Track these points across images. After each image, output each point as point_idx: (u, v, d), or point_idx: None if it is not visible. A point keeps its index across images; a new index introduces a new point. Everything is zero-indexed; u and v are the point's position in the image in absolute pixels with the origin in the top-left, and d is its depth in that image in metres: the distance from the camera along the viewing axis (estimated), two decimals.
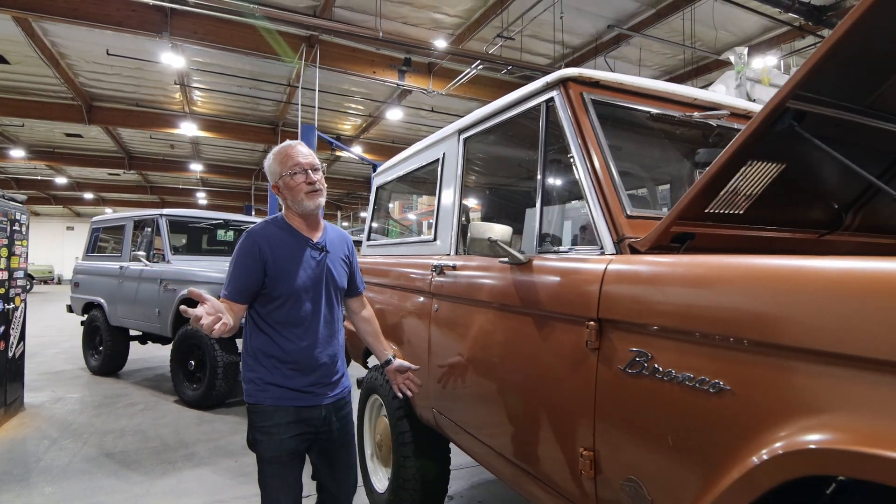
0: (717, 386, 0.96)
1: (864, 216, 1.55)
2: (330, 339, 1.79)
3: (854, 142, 1.26)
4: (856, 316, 0.78)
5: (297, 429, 1.71)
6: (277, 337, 1.72)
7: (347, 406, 1.89)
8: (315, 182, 1.74)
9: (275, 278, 1.69)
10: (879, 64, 1.09)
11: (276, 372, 1.70)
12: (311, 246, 1.79)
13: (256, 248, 1.69)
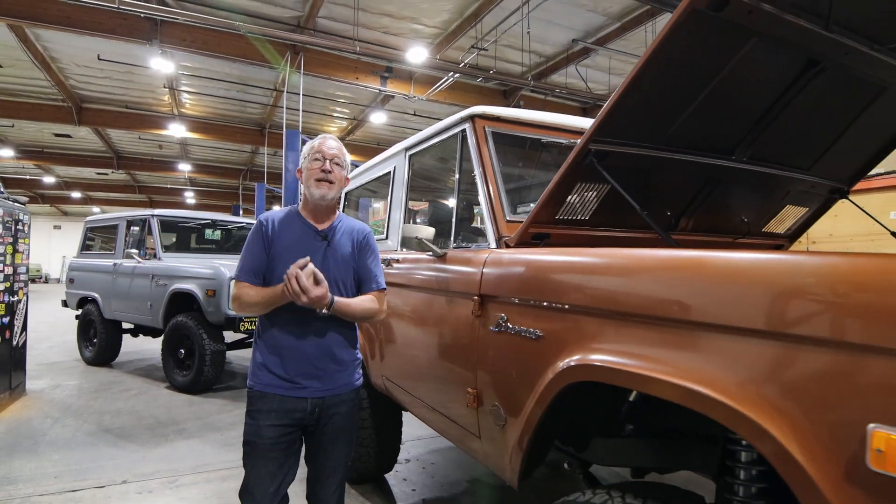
0: (536, 334, 1.47)
1: (695, 221, 2.06)
2: (323, 329, 1.76)
3: (664, 167, 1.77)
4: (614, 285, 1.29)
5: (278, 419, 1.71)
6: (271, 322, 1.75)
7: (345, 405, 1.83)
8: (328, 172, 1.78)
9: (273, 258, 1.76)
10: (667, 108, 1.59)
11: (267, 358, 1.74)
12: (314, 233, 1.81)
13: (261, 229, 1.78)
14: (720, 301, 1.00)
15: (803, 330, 0.87)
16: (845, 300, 0.82)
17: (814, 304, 0.87)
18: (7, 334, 4.70)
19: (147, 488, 3.12)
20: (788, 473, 0.84)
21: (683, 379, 1.02)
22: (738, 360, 0.95)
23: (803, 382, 0.86)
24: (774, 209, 2.25)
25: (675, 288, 1.10)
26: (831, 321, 0.84)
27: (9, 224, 4.70)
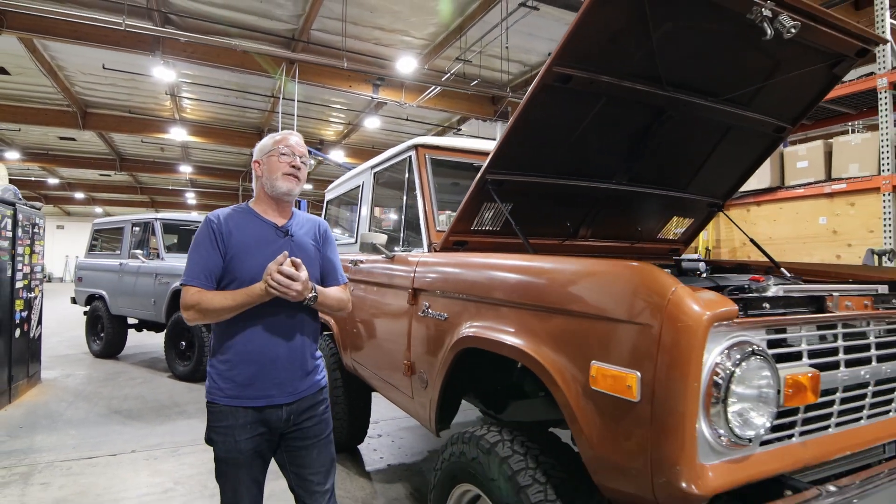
0: (444, 316, 1.98)
1: (593, 230, 2.57)
2: (292, 331, 1.68)
3: (557, 190, 2.28)
4: (485, 280, 1.80)
5: (254, 430, 1.63)
6: (234, 327, 1.64)
7: (320, 405, 1.78)
8: (297, 168, 1.73)
9: (231, 258, 1.65)
10: (547, 147, 2.10)
11: (232, 368, 1.63)
12: (274, 229, 1.73)
13: (211, 229, 1.66)
14: (535, 290, 1.52)
15: (564, 305, 1.38)
16: (578, 287, 1.34)
17: (566, 288, 1.39)
18: (25, 327, 5.22)
19: (153, 456, 3.64)
20: (554, 391, 1.36)
21: (512, 340, 1.53)
22: (537, 327, 1.47)
23: (563, 337, 1.37)
24: (664, 220, 2.76)
25: (516, 282, 1.62)
26: (575, 299, 1.35)
27: (27, 228, 5.22)
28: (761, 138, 2.42)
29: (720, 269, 2.56)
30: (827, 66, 2.11)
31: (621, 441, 1.20)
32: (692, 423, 1.10)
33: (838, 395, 1.40)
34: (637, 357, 1.16)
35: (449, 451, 1.75)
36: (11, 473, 3.32)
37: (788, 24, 1.67)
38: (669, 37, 1.77)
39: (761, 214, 5.47)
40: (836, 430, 1.41)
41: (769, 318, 1.25)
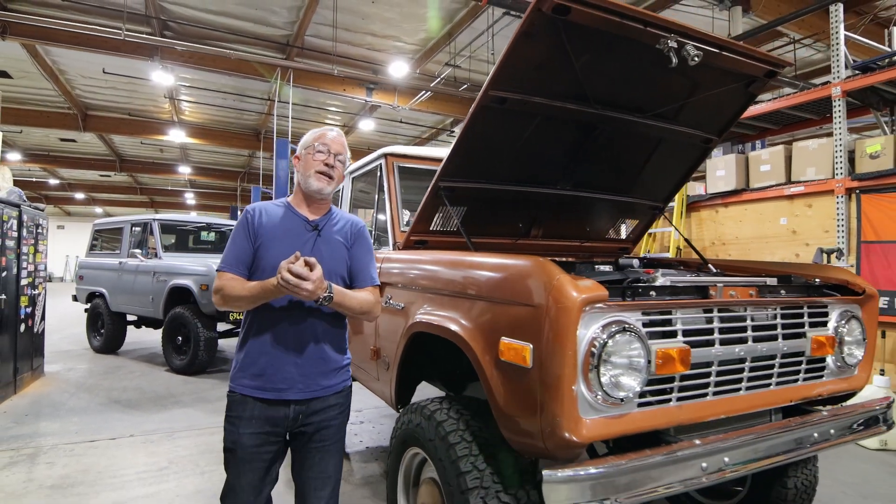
0: (401, 306, 2.26)
1: (545, 230, 2.85)
2: (308, 329, 1.67)
3: (506, 196, 2.56)
4: (429, 273, 2.08)
5: (258, 426, 1.62)
6: (258, 321, 1.66)
7: (333, 410, 1.72)
8: (331, 166, 1.72)
9: (259, 247, 1.67)
10: (493, 158, 2.39)
11: (249, 359, 1.65)
12: (304, 222, 1.74)
13: (246, 218, 1.71)
14: (463, 281, 1.80)
15: (483, 293, 1.67)
16: (493, 278, 1.63)
17: (484, 279, 1.67)
18: (30, 322, 5.50)
19: (150, 440, 3.92)
20: (475, 364, 1.65)
21: (448, 324, 1.82)
22: (465, 311, 1.75)
23: (483, 319, 1.66)
24: (610, 221, 3.04)
25: (451, 275, 1.90)
26: (490, 288, 1.64)
27: (31, 228, 5.51)
28: (691, 148, 2.70)
29: (657, 265, 2.83)
30: (742, 86, 2.40)
31: (520, 401, 1.49)
32: (570, 385, 1.39)
33: (714, 368, 1.68)
34: (531, 332, 1.45)
35: (401, 420, 2.03)
36: (19, 454, 3.60)
37: (693, 52, 1.95)
38: (592, 64, 2.06)
39: (728, 215, 5.76)
40: (714, 398, 1.69)
41: (643, 302, 1.53)
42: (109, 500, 2.93)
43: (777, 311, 1.86)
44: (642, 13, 1.89)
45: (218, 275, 1.67)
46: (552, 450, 1.43)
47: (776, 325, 1.84)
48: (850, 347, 2.02)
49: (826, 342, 1.93)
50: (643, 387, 1.49)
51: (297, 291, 1.49)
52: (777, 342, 1.83)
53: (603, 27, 1.87)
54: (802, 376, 1.93)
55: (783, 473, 2.26)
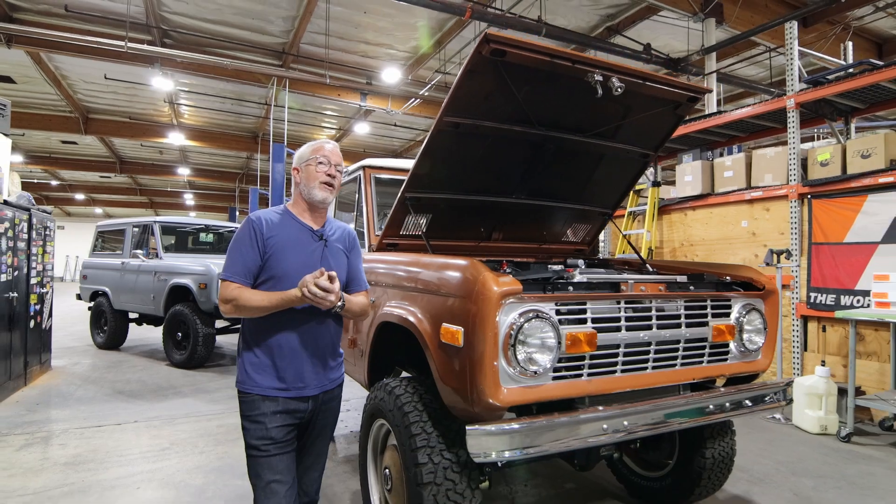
0: (373, 300, 2.62)
1: (505, 233, 3.21)
2: (320, 331, 1.79)
3: (467, 204, 2.92)
4: (393, 271, 2.44)
5: (284, 419, 1.73)
6: (268, 323, 1.73)
7: (334, 400, 1.91)
8: (333, 177, 1.84)
9: (270, 256, 1.73)
10: (454, 171, 2.74)
11: (264, 360, 1.73)
12: (311, 233, 1.83)
13: (251, 228, 1.76)
14: (416, 278, 2.16)
15: (430, 287, 2.03)
16: (438, 275, 1.99)
17: (431, 277, 2.03)
18: (38, 319, 5.85)
19: (152, 425, 4.28)
20: (424, 347, 2.00)
21: (406, 314, 2.18)
22: (417, 303, 2.11)
23: (429, 309, 2.01)
24: (565, 226, 3.40)
25: (407, 273, 2.26)
26: (436, 283, 2.00)
27: (40, 230, 5.86)
28: (631, 162, 3.06)
29: (605, 265, 3.18)
30: (670, 109, 2.76)
31: (455, 374, 1.84)
32: (492, 361, 1.74)
33: (621, 350, 2.04)
34: (462, 318, 1.80)
35: (369, 397, 2.39)
36: (34, 437, 3.95)
37: (616, 84, 2.31)
38: (531, 94, 2.41)
39: (696, 218, 6.12)
40: (622, 374, 2.05)
41: (556, 295, 1.89)
42: (118, 475, 3.28)
43: (681, 303, 2.22)
44: (569, 53, 2.25)
45: (223, 284, 1.72)
46: (479, 412, 1.79)
47: (680, 315, 2.20)
48: (751, 335, 2.38)
49: (726, 330, 2.29)
50: (555, 363, 1.85)
51: (321, 303, 1.64)
52: (680, 329, 2.19)
53: (536, 65, 2.23)
54: (707, 359, 2.29)
55: (702, 446, 2.62)
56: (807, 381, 4.30)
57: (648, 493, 2.89)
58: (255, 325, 1.76)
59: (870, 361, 4.54)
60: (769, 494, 3.08)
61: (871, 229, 4.52)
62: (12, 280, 5.10)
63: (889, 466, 3.54)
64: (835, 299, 4.71)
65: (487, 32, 2.07)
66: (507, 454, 1.71)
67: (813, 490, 3.15)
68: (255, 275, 1.74)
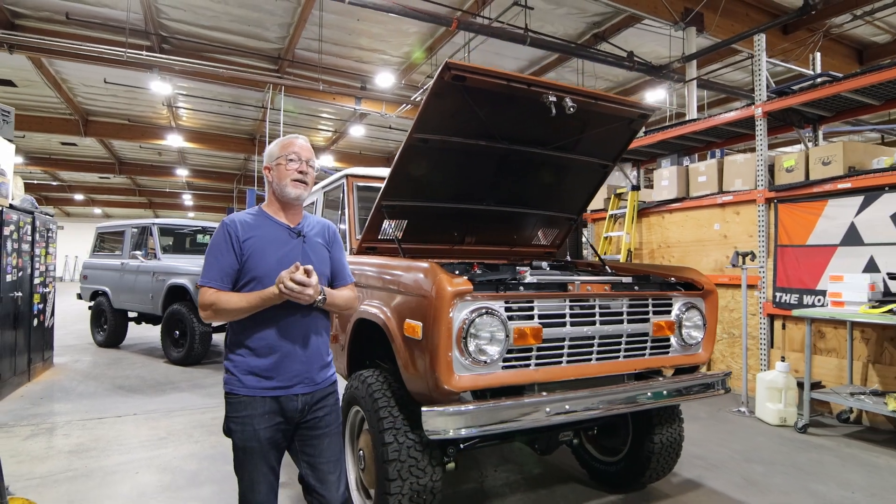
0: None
1: (477, 238, 3.47)
2: (306, 328, 1.78)
3: (441, 210, 3.17)
4: (368, 273, 2.69)
5: (272, 420, 1.72)
6: (252, 323, 1.72)
7: (331, 397, 1.87)
8: (305, 173, 1.81)
9: (248, 258, 1.73)
10: (427, 181, 2.99)
11: (250, 360, 1.72)
12: (287, 230, 1.82)
13: (225, 231, 1.75)
14: (386, 279, 2.42)
15: (397, 287, 2.28)
16: (404, 276, 2.25)
17: (398, 277, 2.29)
18: (41, 317, 6.10)
19: (151, 417, 4.53)
20: (391, 340, 2.26)
21: (377, 312, 2.43)
22: (387, 302, 2.37)
23: (397, 307, 2.27)
24: (534, 230, 3.66)
25: (379, 274, 2.52)
26: (402, 283, 2.25)
27: (43, 232, 6.11)
28: (592, 171, 3.32)
29: (567, 267, 3.43)
30: (625, 124, 3.02)
31: (416, 363, 2.10)
32: (446, 352, 2.00)
33: (567, 343, 2.30)
34: (422, 314, 2.06)
35: (347, 386, 2.64)
36: (39, 428, 4.20)
37: (569, 104, 2.57)
38: (493, 112, 2.67)
39: (673, 221, 6.39)
40: (567, 365, 2.31)
41: (505, 294, 2.15)
42: (118, 461, 3.54)
43: (625, 301, 2.48)
44: (524, 77, 2.50)
45: (201, 290, 1.72)
46: (437, 397, 2.04)
47: (622, 312, 2.46)
48: (690, 330, 2.64)
49: (666, 326, 2.55)
50: (504, 354, 2.11)
51: (299, 297, 1.63)
52: (623, 325, 2.45)
53: (494, 88, 2.48)
54: (648, 352, 2.55)
55: (651, 432, 2.88)
56: (768, 375, 4.56)
57: (606, 476, 3.15)
58: (240, 326, 1.76)
59: (830, 358, 4.80)
60: (720, 479, 3.34)
61: (830, 232, 4.78)
62: (17, 280, 5.35)
63: (838, 455, 3.80)
64: (798, 298, 4.97)
65: (448, 61, 2.33)
66: (463, 431, 1.97)
67: (761, 475, 3.41)
68: (234, 278, 1.74)
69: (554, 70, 11.05)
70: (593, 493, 3.11)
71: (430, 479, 2.19)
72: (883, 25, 9.49)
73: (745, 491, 3.16)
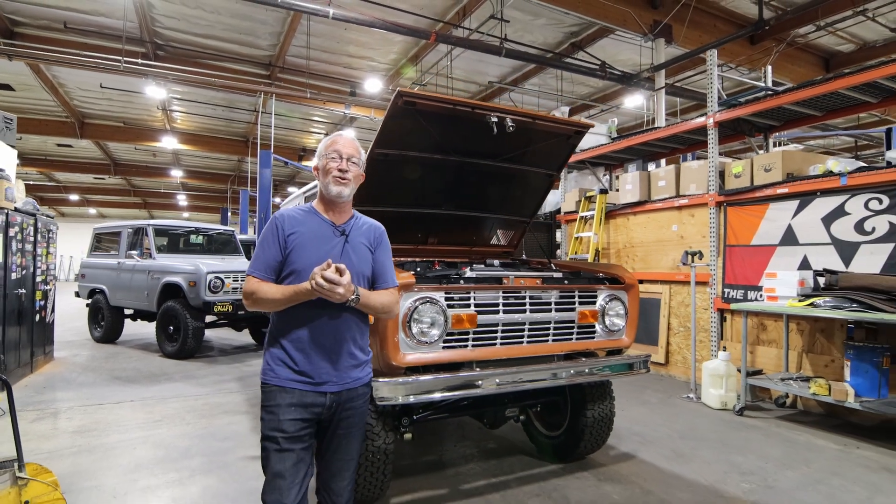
0: None
1: (439, 239, 3.89)
2: (339, 327, 1.80)
3: (405, 214, 3.59)
4: None
5: (298, 413, 1.74)
6: (290, 319, 1.77)
7: (359, 399, 1.87)
8: (345, 171, 1.85)
9: (291, 251, 1.78)
10: (389, 188, 3.41)
11: (287, 354, 1.77)
12: (332, 227, 1.86)
13: (275, 225, 1.82)
14: None
15: None
16: None
17: None
18: (43, 313, 6.48)
19: (146, 403, 4.93)
20: None
21: None
22: None
23: None
24: (491, 232, 4.08)
25: None
26: None
27: (44, 233, 6.49)
28: (539, 180, 3.75)
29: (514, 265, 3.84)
30: (564, 139, 3.44)
31: (372, 344, 2.52)
32: (394, 334, 2.42)
33: (500, 328, 2.72)
34: None
35: None
36: (44, 413, 4.60)
37: (509, 123, 2.99)
38: (444, 130, 3.09)
39: (636, 222, 6.83)
40: (501, 346, 2.73)
41: (446, 286, 2.56)
42: (118, 440, 3.94)
43: (555, 293, 2.91)
44: (467, 102, 2.93)
45: (247, 279, 1.80)
46: (387, 372, 2.46)
47: (550, 303, 2.88)
48: (613, 318, 3.07)
49: (589, 314, 2.97)
50: (444, 336, 2.53)
51: (330, 295, 1.65)
52: (551, 313, 2.88)
53: (442, 112, 2.91)
54: (575, 336, 2.98)
55: (585, 409, 3.30)
56: (711, 364, 5.01)
57: (550, 449, 3.57)
58: (278, 319, 1.82)
59: (771, 348, 5.25)
60: (652, 451, 3.78)
61: (771, 233, 5.23)
62: (21, 278, 5.73)
63: (765, 433, 4.24)
64: (743, 294, 5.42)
65: (399, 89, 2.75)
66: (411, 399, 2.39)
67: (690, 449, 3.85)
68: (278, 270, 1.80)
69: (536, 76, 11.52)
70: (538, 463, 3.53)
71: (383, 442, 2.61)
72: (846, 36, 9.96)
73: (672, 461, 3.60)
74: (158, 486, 3.15)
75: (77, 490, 3.06)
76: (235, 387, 5.66)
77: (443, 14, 8.91)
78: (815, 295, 4.35)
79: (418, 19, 8.56)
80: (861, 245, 4.55)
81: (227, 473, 3.33)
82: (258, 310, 1.81)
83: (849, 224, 4.63)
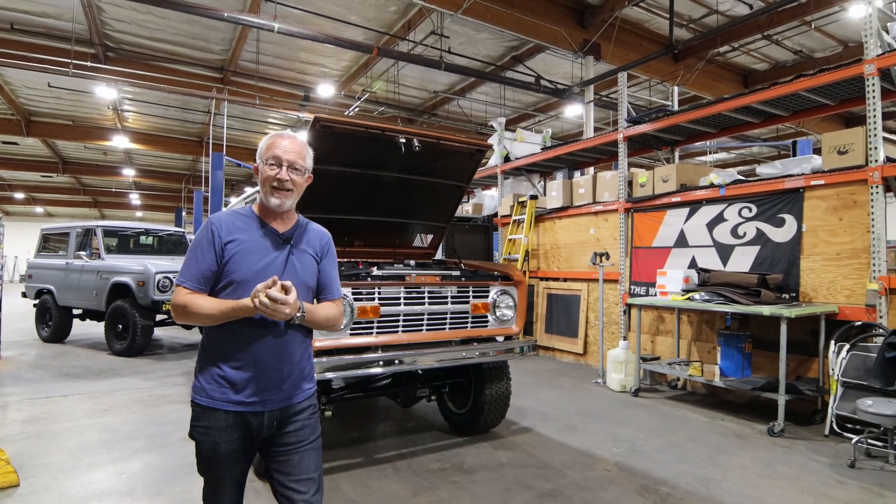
0: None
1: (365, 241, 4.38)
2: (281, 343, 1.67)
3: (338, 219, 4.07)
4: None
5: (234, 433, 1.64)
6: (226, 333, 1.63)
7: (304, 413, 1.75)
8: (284, 181, 1.67)
9: (228, 260, 1.63)
10: (322, 197, 3.89)
11: (218, 371, 1.63)
12: (275, 235, 1.71)
13: (210, 231, 1.65)
14: None
15: None
16: None
17: None
18: None
19: (94, 396, 5.23)
20: None
21: None
22: None
23: None
24: (412, 235, 4.61)
25: None
26: None
27: None
28: (452, 190, 4.29)
29: (428, 265, 4.36)
30: (468, 156, 4.00)
31: None
32: None
33: (401, 318, 3.24)
34: None
35: None
36: None
37: (416, 143, 3.52)
38: (360, 148, 3.59)
39: (561, 226, 7.50)
40: (403, 333, 3.25)
41: (353, 282, 3.07)
42: (66, 426, 4.27)
43: (453, 288, 3.45)
44: (379, 125, 3.44)
45: (177, 289, 1.63)
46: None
47: (447, 296, 3.43)
48: (503, 310, 3.64)
49: (481, 306, 3.53)
50: (351, 325, 3.03)
51: (274, 314, 1.51)
52: (447, 305, 3.42)
53: (357, 133, 3.41)
54: (470, 325, 3.53)
55: (484, 388, 3.86)
56: (613, 352, 5.68)
57: (459, 424, 4.12)
58: (214, 335, 1.66)
59: (668, 337, 5.97)
60: (548, 426, 4.38)
61: (668, 237, 5.95)
62: None
63: (651, 410, 4.91)
64: (646, 290, 6.13)
65: (316, 115, 3.23)
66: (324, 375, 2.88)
67: (581, 423, 4.47)
68: (212, 280, 1.65)
69: (485, 84, 12.10)
70: (447, 437, 4.08)
71: None
72: (759, 56, 10.98)
73: (563, 433, 4.20)
74: (103, 463, 3.53)
75: (28, 467, 3.41)
76: (181, 380, 6.00)
77: (390, 27, 9.39)
78: (693, 290, 5.06)
79: (367, 32, 9.03)
80: (735, 247, 5.30)
81: (167, 452, 3.74)
82: (187, 322, 1.68)
83: (726, 229, 5.37)
